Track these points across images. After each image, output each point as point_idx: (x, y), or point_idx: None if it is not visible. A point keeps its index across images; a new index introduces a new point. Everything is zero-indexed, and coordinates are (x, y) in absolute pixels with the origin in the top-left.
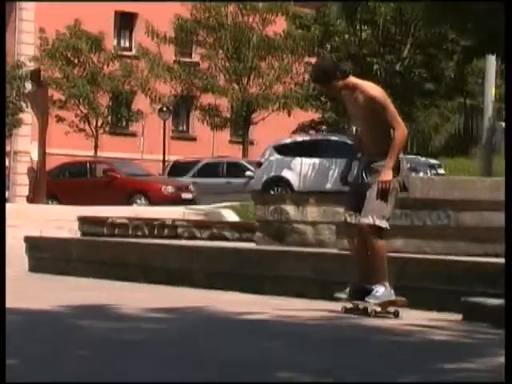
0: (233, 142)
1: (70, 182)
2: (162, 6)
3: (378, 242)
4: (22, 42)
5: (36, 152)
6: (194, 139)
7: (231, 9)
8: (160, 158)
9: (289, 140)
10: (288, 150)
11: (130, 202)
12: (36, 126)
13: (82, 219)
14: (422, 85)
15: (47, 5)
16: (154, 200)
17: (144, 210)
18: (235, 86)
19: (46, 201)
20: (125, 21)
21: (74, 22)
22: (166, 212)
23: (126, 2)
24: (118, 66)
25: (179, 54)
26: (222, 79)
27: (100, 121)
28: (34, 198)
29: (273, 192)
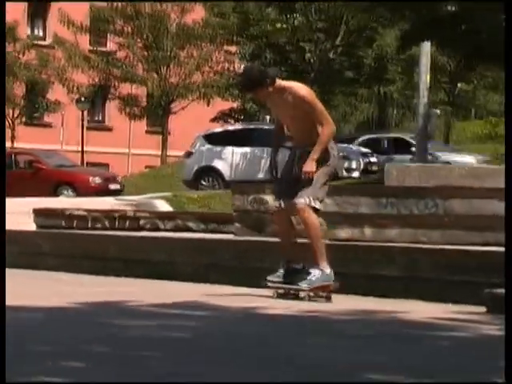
0: (149, 132)
1: None
2: None
3: (313, 221)
4: None
5: None
6: (109, 129)
7: None
8: (78, 148)
9: (219, 129)
10: (218, 140)
11: (56, 194)
12: None
13: (38, 212)
14: (343, 73)
15: None
16: (81, 191)
17: (72, 202)
18: (154, 75)
19: None
20: (37, 9)
21: None
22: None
23: None
24: (34, 55)
25: (95, 43)
26: (141, 68)
27: (16, 111)
28: None
29: (203, 182)
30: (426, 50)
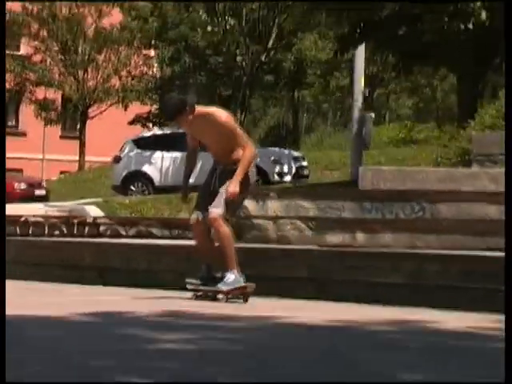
0: (64, 137)
1: None
2: None
3: (225, 229)
4: None
5: None
6: (23, 135)
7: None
8: None
9: (148, 133)
10: (148, 144)
11: None
12: None
13: None
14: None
15: None
16: (6, 198)
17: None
18: (71, 80)
19: None
20: None
21: None
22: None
23: None
24: None
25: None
26: (57, 72)
27: None
28: None
29: (132, 187)
30: (361, 53)
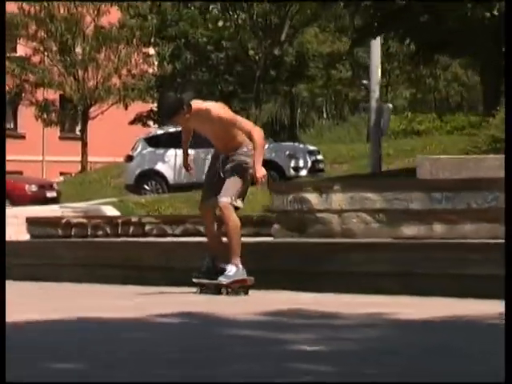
0: (63, 138)
1: None
2: None
3: (234, 219)
4: None
5: None
6: (22, 137)
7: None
8: None
9: (161, 131)
10: (160, 142)
11: None
12: None
13: (32, 220)
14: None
15: None
16: (17, 200)
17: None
18: (71, 80)
19: None
20: None
21: None
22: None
23: None
24: None
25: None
26: (56, 73)
27: None
28: None
29: (146, 186)
30: (378, 43)
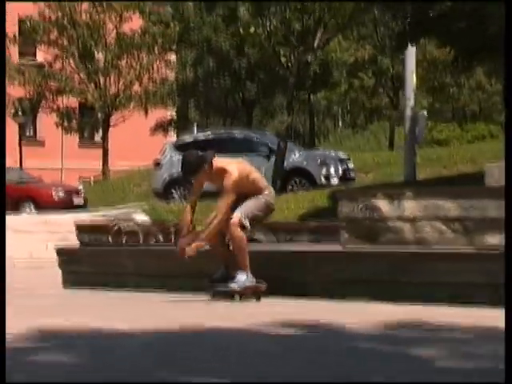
0: (83, 145)
1: None
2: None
3: (238, 235)
4: None
5: None
6: (42, 144)
7: (85, 7)
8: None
9: (190, 138)
10: (189, 148)
11: (18, 210)
12: None
13: (82, 227)
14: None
15: None
16: (44, 206)
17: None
18: (93, 87)
19: None
20: None
21: None
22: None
23: None
24: None
25: (24, 55)
26: (77, 80)
27: None
28: None
29: (174, 192)
30: (412, 50)
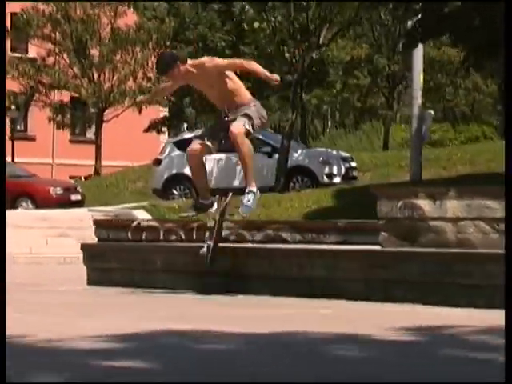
0: (74, 141)
1: None
2: None
3: (248, 144)
4: None
5: None
6: (32, 139)
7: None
8: (8, 159)
9: (191, 134)
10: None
11: (14, 206)
12: None
13: (99, 223)
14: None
15: None
16: (42, 203)
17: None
18: (86, 82)
19: None
20: None
21: None
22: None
23: None
24: None
25: (15, 49)
26: (71, 75)
27: None
28: None
29: (174, 191)
30: (420, 48)
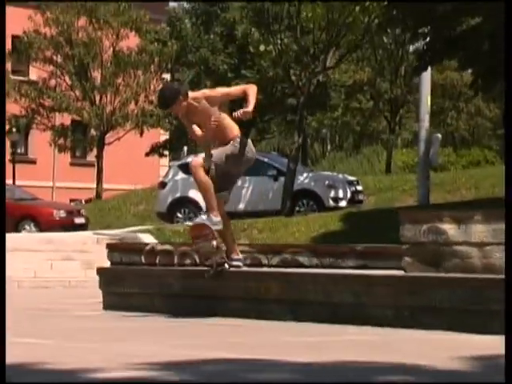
0: (74, 164)
1: None
2: None
3: (199, 173)
4: None
5: None
6: (33, 162)
7: (82, 23)
8: (9, 182)
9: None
10: None
11: (17, 229)
12: None
13: (113, 246)
14: (284, 100)
15: None
16: (44, 226)
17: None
18: (88, 105)
19: None
20: None
21: None
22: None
23: None
24: None
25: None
26: (73, 98)
27: None
28: None
29: (179, 214)
30: (428, 72)
